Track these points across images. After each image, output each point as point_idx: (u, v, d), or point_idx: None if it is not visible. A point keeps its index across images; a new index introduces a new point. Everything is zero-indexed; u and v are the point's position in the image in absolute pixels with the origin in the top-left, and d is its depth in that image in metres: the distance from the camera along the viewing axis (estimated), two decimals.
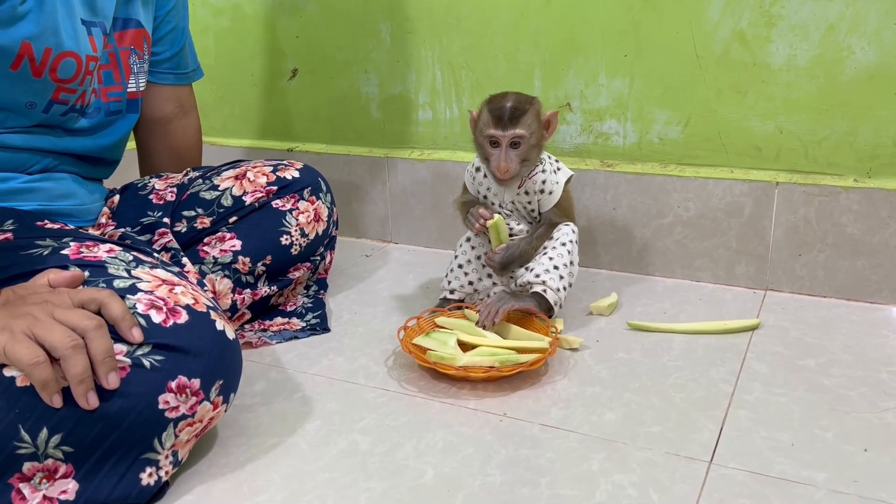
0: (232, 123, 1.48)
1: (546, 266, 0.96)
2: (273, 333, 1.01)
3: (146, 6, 0.99)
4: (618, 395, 0.84)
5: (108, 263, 0.73)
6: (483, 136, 0.95)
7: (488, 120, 0.94)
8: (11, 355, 0.61)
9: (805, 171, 1.07)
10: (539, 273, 0.95)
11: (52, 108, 0.85)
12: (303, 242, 1.04)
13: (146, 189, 1.03)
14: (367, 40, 1.31)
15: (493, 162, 0.94)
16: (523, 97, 0.95)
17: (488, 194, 1.00)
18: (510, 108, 0.93)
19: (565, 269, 0.96)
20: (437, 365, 0.87)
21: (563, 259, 0.96)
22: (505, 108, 0.93)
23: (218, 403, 0.70)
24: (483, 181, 1.00)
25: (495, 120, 0.94)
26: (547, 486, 0.70)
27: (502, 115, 0.93)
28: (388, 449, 0.76)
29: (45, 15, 0.80)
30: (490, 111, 0.94)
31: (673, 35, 1.09)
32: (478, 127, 0.97)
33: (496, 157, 0.94)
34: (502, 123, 0.93)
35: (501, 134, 0.93)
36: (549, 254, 0.97)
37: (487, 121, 0.95)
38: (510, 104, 0.93)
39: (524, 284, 0.96)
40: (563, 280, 0.95)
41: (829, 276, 1.07)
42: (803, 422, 0.78)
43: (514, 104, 0.93)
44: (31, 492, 0.63)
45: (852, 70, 1.01)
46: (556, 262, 0.96)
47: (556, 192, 0.97)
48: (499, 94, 0.96)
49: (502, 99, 0.95)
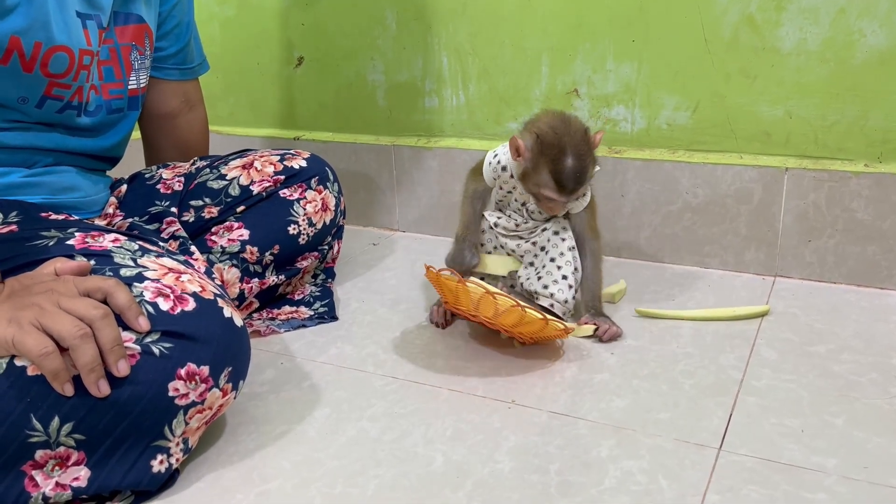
0: (238, 112, 1.48)
1: (554, 276, 0.94)
2: (281, 322, 1.01)
3: (149, 1, 0.98)
4: (626, 382, 0.84)
5: (114, 253, 0.73)
6: (539, 193, 0.89)
7: (549, 183, 0.87)
8: (20, 347, 0.61)
9: (815, 156, 1.06)
10: (547, 284, 0.94)
11: (45, 103, 0.84)
12: (310, 232, 1.04)
13: (154, 179, 1.03)
14: (372, 27, 1.30)
15: (545, 206, 0.90)
16: (583, 150, 0.86)
17: (513, 191, 0.96)
18: (575, 175, 0.85)
19: (573, 277, 0.94)
20: (469, 283, 0.85)
21: (570, 267, 0.94)
22: (570, 176, 0.85)
23: (227, 390, 0.70)
24: (509, 181, 0.95)
25: (559, 188, 0.86)
26: (556, 473, 0.70)
27: (567, 185, 0.86)
28: (397, 436, 0.77)
29: (35, 8, 0.78)
30: (553, 175, 0.86)
31: (681, 20, 1.08)
32: (531, 178, 0.88)
33: (548, 205, 0.90)
34: (566, 192, 0.87)
35: (566, 200, 0.88)
36: (558, 261, 0.94)
37: (548, 183, 0.87)
38: (575, 168, 0.85)
39: (532, 293, 0.95)
40: (571, 289, 0.94)
41: (839, 262, 1.06)
42: (813, 408, 0.78)
43: (579, 167, 0.85)
44: (44, 479, 0.63)
45: (863, 54, 1.00)
46: (565, 271, 0.94)
47: (588, 194, 0.94)
48: (555, 142, 0.86)
49: (563, 158, 0.85)
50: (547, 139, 0.87)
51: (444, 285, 0.89)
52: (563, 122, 0.88)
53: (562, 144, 0.86)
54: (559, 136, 0.86)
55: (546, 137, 0.87)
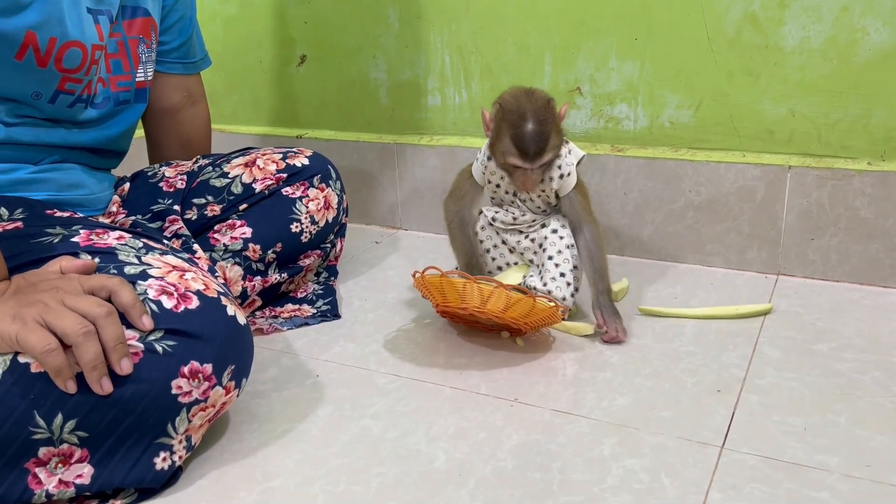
0: (241, 111, 1.48)
1: (552, 273, 0.94)
2: (284, 320, 1.01)
3: None
4: (629, 381, 0.84)
5: (119, 250, 0.73)
6: (506, 163, 0.90)
7: (511, 149, 0.89)
8: (24, 343, 0.61)
9: (818, 154, 1.06)
10: (546, 282, 0.94)
11: (58, 98, 0.85)
12: (313, 230, 1.04)
13: (156, 177, 1.03)
14: (375, 26, 1.30)
15: (517, 180, 0.91)
16: (542, 114, 0.88)
17: (501, 183, 0.97)
18: (535, 139, 0.87)
19: (571, 275, 0.94)
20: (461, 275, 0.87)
21: (568, 265, 0.94)
22: (529, 140, 0.87)
23: (230, 388, 0.70)
24: (496, 170, 0.97)
25: (521, 153, 0.88)
26: (559, 471, 0.70)
27: (527, 148, 0.87)
28: (399, 434, 0.77)
29: (50, 4, 0.79)
30: (513, 140, 0.88)
31: (684, 18, 1.08)
32: (497, 148, 0.91)
33: (520, 177, 0.91)
34: (529, 157, 0.88)
35: (529, 166, 0.89)
36: (556, 259, 0.94)
37: (510, 149, 0.89)
38: (534, 132, 0.87)
39: (532, 289, 0.95)
40: (569, 287, 0.94)
41: (842, 261, 1.06)
42: (816, 406, 0.78)
43: (538, 131, 0.87)
44: (47, 476, 0.63)
45: (866, 52, 1.00)
46: (563, 269, 0.94)
47: (573, 173, 0.94)
48: (514, 106, 0.89)
49: (522, 122, 0.88)
50: (508, 107, 0.90)
51: (430, 285, 0.89)
52: (525, 93, 0.91)
53: (521, 110, 0.89)
54: (520, 103, 0.89)
55: (507, 105, 0.90)
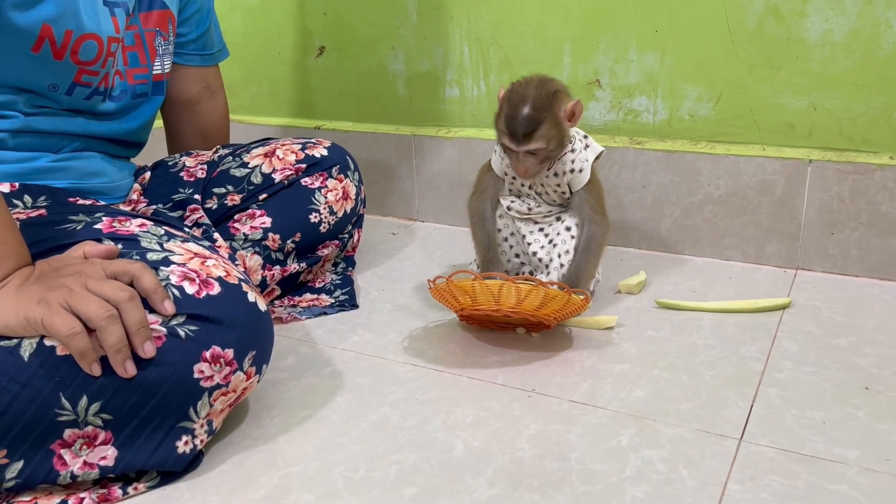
0: (259, 102, 1.49)
1: (557, 274, 0.95)
2: (302, 309, 1.02)
3: None
4: (647, 373, 0.84)
5: (141, 237, 0.74)
6: (501, 143, 0.91)
7: (503, 128, 0.89)
8: (49, 327, 0.62)
9: (839, 148, 1.05)
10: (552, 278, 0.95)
11: (74, 90, 0.86)
12: (331, 220, 1.04)
13: (177, 166, 1.04)
14: (394, 17, 1.30)
15: (513, 165, 0.92)
16: (541, 101, 0.88)
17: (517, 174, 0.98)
18: (524, 121, 0.87)
19: None
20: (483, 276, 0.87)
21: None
22: (519, 122, 0.87)
23: (251, 374, 0.71)
24: None
25: (509, 134, 0.88)
26: (577, 461, 0.70)
27: (515, 129, 0.87)
28: (417, 422, 0.77)
29: None
30: (505, 119, 0.88)
31: (705, 9, 1.07)
32: (497, 126, 0.92)
33: (514, 161, 0.91)
34: (516, 138, 0.88)
35: (515, 148, 0.89)
36: (563, 259, 0.95)
37: (502, 129, 0.89)
38: (524, 115, 0.87)
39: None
40: None
41: (863, 256, 1.05)
42: (835, 400, 0.78)
43: (529, 115, 0.87)
44: (72, 457, 0.64)
45: (890, 45, 0.99)
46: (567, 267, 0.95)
47: (586, 169, 0.95)
48: (519, 89, 0.89)
49: (519, 103, 0.87)
50: (513, 88, 0.91)
51: (456, 289, 0.88)
52: (537, 80, 0.91)
53: (522, 93, 0.89)
54: (524, 87, 0.90)
55: (513, 87, 0.91)
